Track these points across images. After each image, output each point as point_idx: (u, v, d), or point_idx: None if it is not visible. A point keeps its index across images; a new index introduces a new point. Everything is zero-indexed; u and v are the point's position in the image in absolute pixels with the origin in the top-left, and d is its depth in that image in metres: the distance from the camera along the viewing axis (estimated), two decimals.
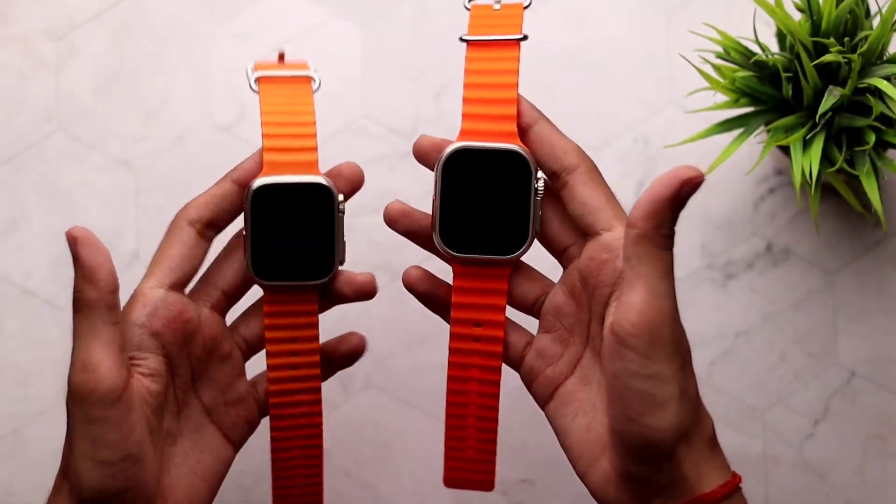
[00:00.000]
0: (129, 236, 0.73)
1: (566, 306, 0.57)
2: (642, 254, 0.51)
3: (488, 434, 0.58)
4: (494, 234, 0.55)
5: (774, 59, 0.62)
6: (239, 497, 0.72)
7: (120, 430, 0.52)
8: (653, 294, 0.50)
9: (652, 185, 0.51)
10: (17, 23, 0.74)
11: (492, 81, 0.55)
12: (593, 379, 0.56)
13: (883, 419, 0.71)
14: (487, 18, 0.57)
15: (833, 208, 0.72)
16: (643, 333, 0.50)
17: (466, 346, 0.57)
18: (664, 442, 0.51)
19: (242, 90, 0.74)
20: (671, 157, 0.72)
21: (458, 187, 0.55)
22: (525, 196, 0.54)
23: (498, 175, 0.54)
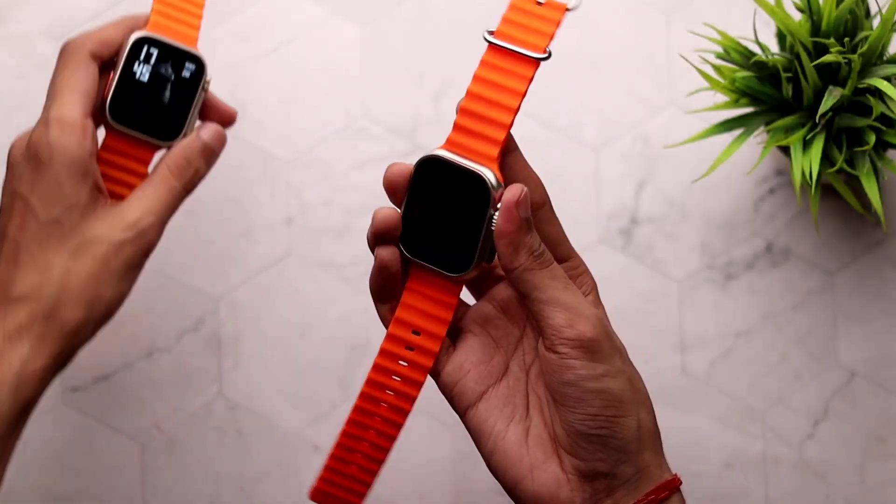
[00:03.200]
0: None
1: (495, 319, 0.57)
2: (537, 283, 0.53)
3: (380, 454, 0.57)
4: (445, 249, 0.55)
5: (774, 60, 0.62)
6: (239, 499, 0.72)
7: None
8: (568, 308, 0.53)
9: (497, 226, 0.53)
10: (17, 22, 0.74)
11: (494, 98, 0.54)
12: (521, 389, 0.57)
13: (883, 419, 0.71)
14: (524, 16, 0.55)
15: (833, 209, 0.72)
16: (582, 344, 0.53)
17: (398, 350, 0.56)
18: (629, 427, 0.53)
19: (242, 89, 0.74)
20: (671, 157, 0.72)
21: (424, 193, 0.55)
22: (479, 223, 0.54)
23: (460, 194, 0.54)
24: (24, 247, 0.60)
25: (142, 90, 0.63)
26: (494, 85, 0.55)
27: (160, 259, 0.73)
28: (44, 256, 0.60)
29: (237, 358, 0.72)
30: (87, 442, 0.72)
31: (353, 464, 0.57)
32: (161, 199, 0.62)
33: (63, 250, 0.60)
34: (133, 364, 0.73)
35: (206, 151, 0.64)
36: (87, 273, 0.60)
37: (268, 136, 0.73)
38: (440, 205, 0.55)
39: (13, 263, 0.60)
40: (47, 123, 0.60)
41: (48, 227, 0.60)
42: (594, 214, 0.72)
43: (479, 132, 0.54)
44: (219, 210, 0.73)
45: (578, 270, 0.57)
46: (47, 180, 0.60)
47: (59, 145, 0.60)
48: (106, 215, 0.61)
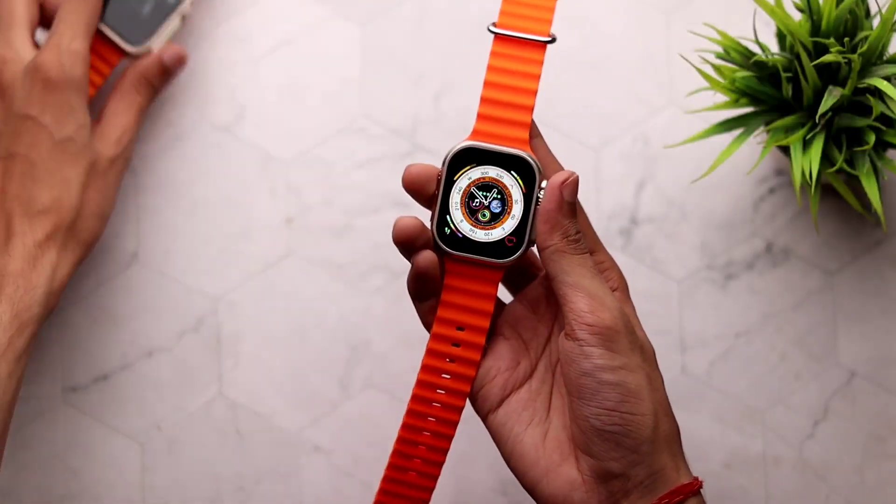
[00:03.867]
0: (129, 236, 0.73)
1: (525, 318, 0.58)
2: (565, 266, 0.54)
3: (439, 455, 0.58)
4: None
5: (774, 60, 0.62)
6: (240, 499, 0.72)
7: None
8: (593, 295, 0.53)
9: (541, 204, 0.54)
10: None
11: (512, 84, 0.55)
12: (545, 391, 0.57)
13: (883, 420, 0.71)
14: (520, 6, 0.57)
15: (833, 208, 0.72)
16: (601, 331, 0.53)
17: (445, 349, 0.57)
18: (645, 426, 0.53)
19: (242, 90, 0.74)
20: (671, 157, 0.72)
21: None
22: (527, 203, 0.55)
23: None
24: (39, 163, 0.64)
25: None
26: (510, 72, 0.55)
27: (160, 259, 0.73)
28: (60, 172, 0.65)
29: (237, 358, 0.72)
30: (87, 442, 0.72)
31: (411, 470, 0.58)
32: (132, 117, 0.69)
33: (78, 166, 0.66)
34: (133, 364, 0.73)
35: (163, 70, 0.70)
36: (97, 187, 0.67)
37: (268, 136, 0.73)
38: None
39: (31, 179, 0.65)
40: (59, 51, 0.65)
41: (62, 144, 0.65)
42: (594, 214, 0.72)
43: (506, 118, 0.55)
44: (219, 210, 0.73)
45: (604, 265, 0.57)
46: (59, 102, 0.65)
47: (72, 72, 0.65)
48: (97, 133, 0.68)
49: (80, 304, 0.72)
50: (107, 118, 0.69)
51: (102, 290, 0.73)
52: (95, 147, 0.67)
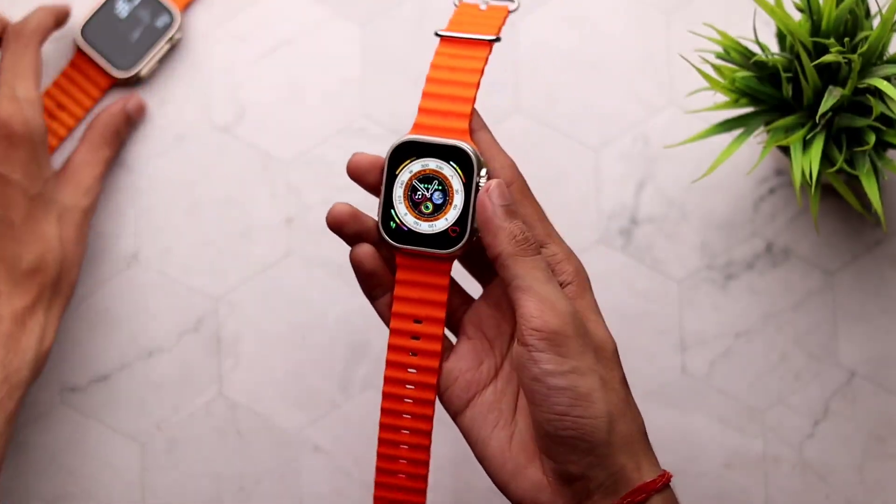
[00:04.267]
0: (128, 236, 0.73)
1: (489, 317, 0.58)
2: (517, 270, 0.53)
3: (421, 453, 0.58)
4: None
5: (774, 60, 0.62)
6: (240, 499, 0.72)
7: None
8: (543, 298, 0.53)
9: (478, 217, 0.54)
10: None
11: (453, 78, 0.56)
12: (511, 390, 0.57)
13: (883, 419, 0.71)
14: (470, 17, 0.58)
15: (833, 208, 0.72)
16: (548, 335, 0.52)
17: (406, 342, 0.57)
18: (598, 429, 0.52)
19: (241, 90, 0.74)
20: (671, 157, 0.72)
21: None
22: (467, 193, 0.55)
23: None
24: (18, 223, 0.65)
25: (116, 24, 0.72)
26: (452, 68, 0.56)
27: (160, 259, 0.73)
28: (39, 228, 0.65)
29: (237, 358, 0.72)
30: (87, 442, 0.72)
31: (399, 473, 0.58)
32: (101, 168, 0.70)
33: (52, 220, 0.66)
34: (133, 364, 0.73)
35: (128, 119, 0.71)
36: (72, 237, 0.68)
37: (268, 136, 0.73)
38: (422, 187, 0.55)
39: (12, 240, 0.65)
40: (18, 104, 0.65)
41: (36, 200, 0.65)
42: (594, 214, 0.72)
43: (445, 110, 0.55)
44: (219, 210, 0.73)
45: (556, 258, 0.56)
46: (27, 157, 0.65)
47: (35, 124, 0.65)
48: (65, 182, 0.68)
49: (80, 304, 0.72)
50: (77, 168, 0.69)
51: (102, 290, 0.73)
52: (65, 198, 0.68)
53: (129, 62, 0.72)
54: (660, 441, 0.71)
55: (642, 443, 0.55)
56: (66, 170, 0.69)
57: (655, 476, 0.54)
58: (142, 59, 0.72)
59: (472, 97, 0.56)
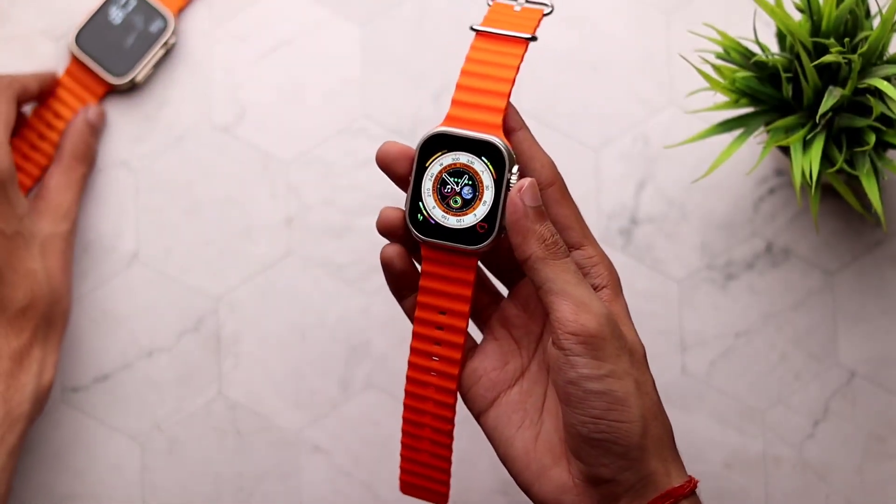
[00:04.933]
0: (129, 236, 0.73)
1: (517, 317, 0.57)
2: (548, 274, 0.53)
3: (444, 437, 0.58)
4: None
5: (774, 60, 0.62)
6: (240, 499, 0.72)
7: None
8: (578, 302, 0.52)
9: (507, 217, 0.54)
10: (17, 23, 0.74)
11: (489, 73, 0.55)
12: (538, 391, 0.57)
13: (883, 419, 0.71)
14: (504, 16, 0.57)
15: (833, 209, 0.72)
16: (585, 339, 0.52)
17: (430, 332, 0.57)
18: (632, 433, 0.52)
19: (242, 90, 0.74)
20: (671, 158, 0.72)
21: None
22: (497, 190, 0.54)
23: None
24: (1, 266, 0.65)
25: (110, 30, 0.72)
26: (488, 62, 0.55)
27: (160, 259, 0.73)
28: (23, 266, 0.65)
29: (237, 358, 0.72)
30: (87, 442, 0.72)
31: (423, 450, 0.58)
32: (77, 189, 0.70)
33: (34, 254, 0.66)
34: (133, 364, 0.73)
35: (94, 130, 0.71)
36: (59, 266, 0.68)
37: (268, 136, 0.73)
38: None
39: (0, 282, 0.65)
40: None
41: (15, 239, 0.65)
42: (594, 214, 0.72)
43: (479, 104, 0.55)
44: (219, 210, 0.73)
45: (592, 261, 0.56)
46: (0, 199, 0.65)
47: (4, 166, 0.65)
48: (42, 212, 0.68)
49: (80, 304, 0.72)
50: (52, 195, 0.69)
51: (102, 290, 0.73)
52: (44, 228, 0.68)
53: (125, 68, 0.72)
54: None
55: (672, 448, 0.55)
56: (41, 198, 0.69)
57: (683, 482, 0.54)
58: (137, 64, 0.72)
59: (508, 92, 0.55)
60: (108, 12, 0.72)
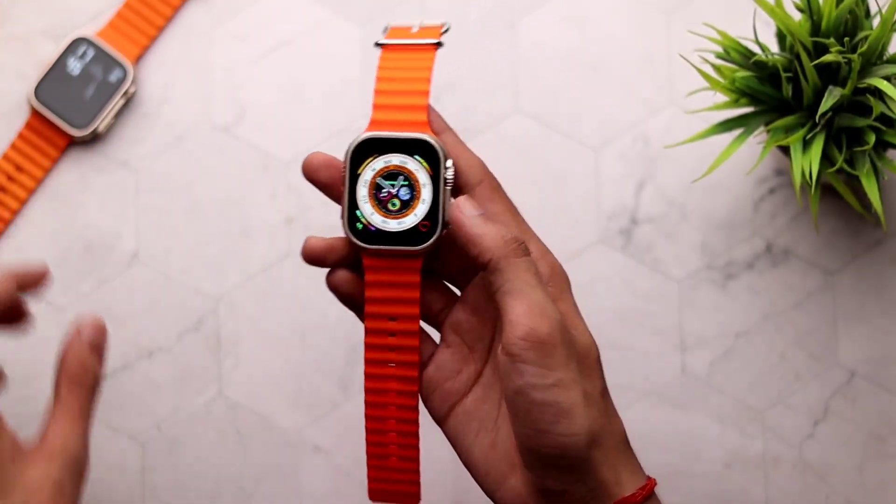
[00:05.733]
0: (129, 236, 0.73)
1: (467, 322, 0.56)
2: (508, 274, 0.51)
3: (410, 439, 0.57)
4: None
5: (774, 59, 0.62)
6: (240, 499, 0.72)
7: None
8: (531, 305, 0.51)
9: (457, 234, 0.53)
10: (17, 23, 0.74)
11: (404, 75, 0.54)
12: (493, 397, 0.55)
13: (883, 419, 0.71)
14: (405, 33, 0.56)
15: (833, 208, 0.72)
16: (534, 345, 0.50)
17: (382, 341, 0.56)
18: (578, 447, 0.51)
19: (242, 90, 0.74)
20: (671, 158, 0.72)
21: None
22: (435, 185, 0.54)
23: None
24: None
25: (69, 82, 0.72)
26: (401, 67, 0.55)
27: (160, 259, 0.73)
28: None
29: (237, 358, 0.72)
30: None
31: (391, 455, 0.58)
32: (74, 414, 0.56)
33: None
34: (133, 364, 0.73)
35: (94, 349, 0.59)
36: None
37: (268, 136, 0.73)
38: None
39: None
40: None
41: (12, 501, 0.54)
42: (594, 214, 0.72)
43: (401, 104, 0.54)
44: (219, 210, 0.73)
45: (532, 256, 0.54)
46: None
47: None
48: (33, 456, 0.55)
49: (80, 304, 0.72)
50: (51, 436, 0.56)
51: (102, 290, 0.73)
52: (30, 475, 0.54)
53: (86, 120, 0.72)
54: (660, 441, 0.71)
55: (624, 453, 0.53)
56: (40, 442, 0.56)
57: (636, 489, 0.52)
58: (98, 115, 0.72)
59: (427, 90, 0.54)
60: (66, 63, 0.72)
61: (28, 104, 0.73)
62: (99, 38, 0.73)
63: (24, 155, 0.73)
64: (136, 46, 0.73)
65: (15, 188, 0.73)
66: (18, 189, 0.73)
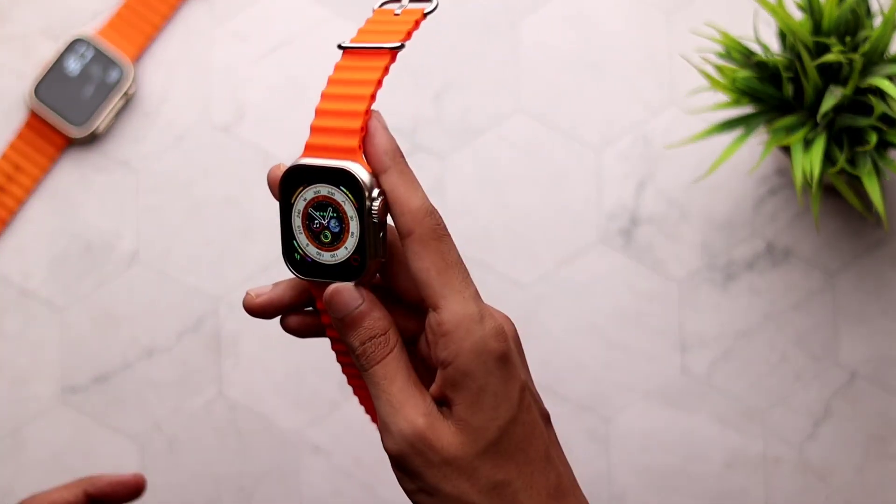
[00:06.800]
0: (129, 236, 0.73)
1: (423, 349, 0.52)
2: (367, 382, 0.49)
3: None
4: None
5: (775, 59, 0.62)
6: (240, 499, 0.72)
7: None
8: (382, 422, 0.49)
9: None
10: (17, 23, 0.74)
11: (346, 92, 0.51)
12: None
13: (883, 420, 0.71)
14: (380, 24, 0.53)
15: (834, 209, 0.72)
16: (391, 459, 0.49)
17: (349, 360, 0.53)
18: None
19: (241, 90, 0.73)
20: (672, 158, 0.72)
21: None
22: (361, 219, 0.50)
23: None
24: None
25: (69, 82, 0.72)
26: (347, 81, 0.51)
27: (160, 259, 0.73)
28: None
29: (237, 358, 0.72)
30: (88, 442, 0.72)
31: None
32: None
33: None
34: (133, 364, 0.72)
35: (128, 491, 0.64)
36: None
37: (268, 136, 0.73)
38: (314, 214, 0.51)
39: None
40: None
41: None
42: (594, 214, 0.72)
43: (335, 127, 0.50)
44: (219, 210, 0.73)
45: (441, 329, 0.48)
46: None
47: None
48: None
49: (81, 304, 0.72)
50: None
51: (102, 290, 0.73)
52: None
53: (85, 119, 0.72)
54: (660, 441, 0.71)
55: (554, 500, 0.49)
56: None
57: None
58: (97, 115, 0.72)
59: (363, 111, 0.50)
60: (66, 64, 0.73)
61: (27, 104, 0.73)
62: (98, 38, 0.73)
63: (23, 155, 0.73)
64: (135, 46, 0.73)
65: (14, 188, 0.73)
66: (17, 189, 0.73)
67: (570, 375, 0.71)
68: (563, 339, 0.72)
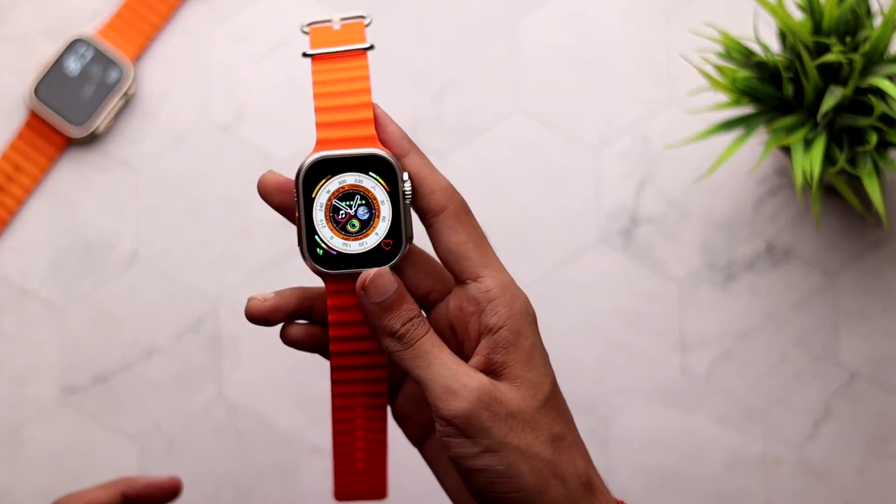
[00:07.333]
0: (129, 236, 0.73)
1: None
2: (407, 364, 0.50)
3: (378, 446, 0.56)
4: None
5: (775, 59, 0.62)
6: (240, 499, 0.72)
7: None
8: (442, 388, 0.49)
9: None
10: (16, 23, 0.74)
11: (342, 89, 0.52)
12: None
13: (884, 420, 0.71)
14: (328, 36, 0.53)
15: (834, 209, 0.72)
16: (455, 422, 0.49)
17: (348, 361, 0.54)
18: (524, 501, 0.49)
19: (241, 90, 0.73)
20: (672, 158, 0.72)
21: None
22: (394, 201, 0.51)
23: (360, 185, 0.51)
24: None
25: (68, 82, 0.72)
26: (337, 80, 0.52)
27: (160, 259, 0.73)
28: None
29: (237, 358, 0.72)
30: (87, 442, 0.72)
31: (357, 461, 0.57)
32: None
33: None
34: (133, 364, 0.72)
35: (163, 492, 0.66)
36: None
37: (268, 135, 0.73)
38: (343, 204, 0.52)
39: None
40: None
41: None
42: (594, 214, 0.72)
43: (345, 120, 0.51)
44: (219, 210, 0.73)
45: (487, 296, 0.51)
46: None
47: None
48: None
49: (80, 304, 0.72)
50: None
51: (102, 290, 0.73)
52: None
53: (85, 119, 0.72)
54: (660, 441, 0.71)
55: (581, 489, 0.51)
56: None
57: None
58: (97, 115, 0.72)
59: (369, 101, 0.51)
60: (66, 64, 0.73)
61: (27, 104, 0.73)
62: (98, 38, 0.73)
63: (23, 155, 0.73)
64: (135, 46, 0.73)
65: (14, 188, 0.73)
66: (17, 189, 0.73)
67: (569, 375, 0.71)
68: (563, 339, 0.72)
